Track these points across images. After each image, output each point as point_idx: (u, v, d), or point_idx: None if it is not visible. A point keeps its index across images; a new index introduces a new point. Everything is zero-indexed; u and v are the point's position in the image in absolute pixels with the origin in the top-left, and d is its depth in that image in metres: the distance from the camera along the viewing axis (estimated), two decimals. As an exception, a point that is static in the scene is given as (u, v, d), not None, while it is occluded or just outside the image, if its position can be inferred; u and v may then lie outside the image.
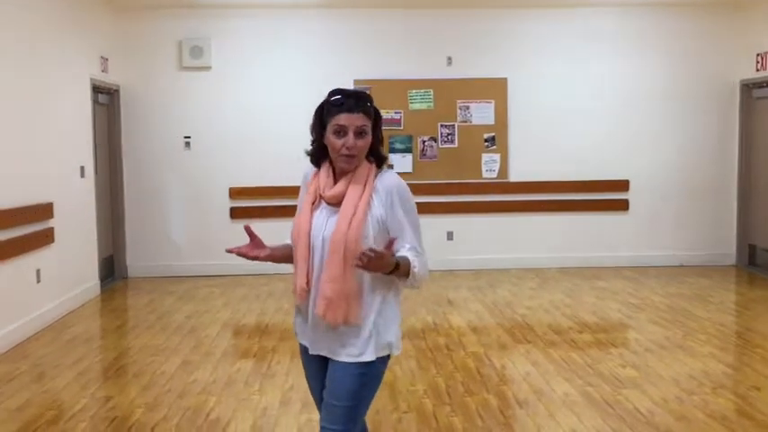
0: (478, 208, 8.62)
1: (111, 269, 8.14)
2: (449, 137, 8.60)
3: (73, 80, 6.95)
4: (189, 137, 8.36)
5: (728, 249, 8.74)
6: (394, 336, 2.44)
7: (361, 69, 8.44)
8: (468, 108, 8.59)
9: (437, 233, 8.59)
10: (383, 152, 2.46)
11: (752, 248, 8.55)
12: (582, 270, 8.43)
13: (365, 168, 2.39)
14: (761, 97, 8.29)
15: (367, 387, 2.41)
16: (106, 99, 8.07)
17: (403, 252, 2.33)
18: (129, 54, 8.24)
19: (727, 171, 8.73)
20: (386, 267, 2.24)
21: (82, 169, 7.09)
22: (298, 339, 2.55)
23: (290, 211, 2.68)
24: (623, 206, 8.71)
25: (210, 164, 8.36)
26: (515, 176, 8.62)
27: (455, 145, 8.60)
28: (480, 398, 4.31)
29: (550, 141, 8.59)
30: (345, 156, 2.34)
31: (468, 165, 8.60)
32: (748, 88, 8.44)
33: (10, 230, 5.51)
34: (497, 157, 8.61)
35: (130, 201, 8.32)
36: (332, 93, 2.39)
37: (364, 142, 2.35)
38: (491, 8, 8.49)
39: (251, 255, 2.41)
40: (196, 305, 6.93)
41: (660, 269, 8.44)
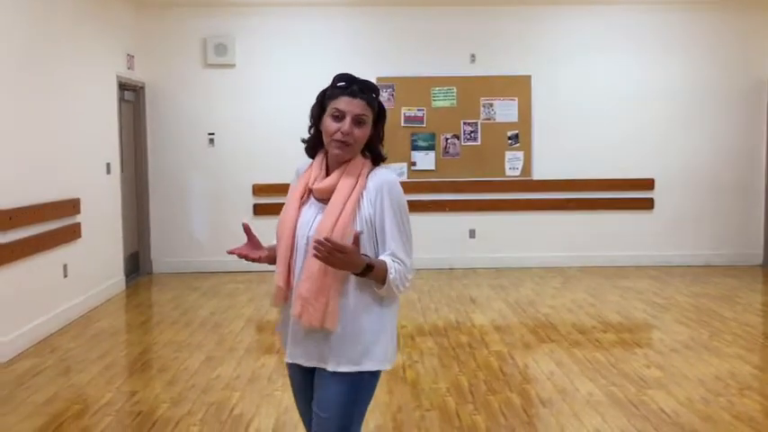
0: (501, 206, 8.59)
1: (135, 265, 8.22)
2: (472, 134, 8.57)
3: (99, 77, 7.03)
4: (213, 134, 8.41)
5: (755, 249, 8.63)
6: (384, 348, 2.23)
7: (384, 67, 8.44)
8: (491, 105, 8.55)
9: (459, 231, 8.58)
10: (382, 151, 2.29)
11: (779, 248, 8.44)
12: (605, 269, 8.36)
13: (359, 162, 2.23)
14: (790, 95, 8.17)
15: (357, 401, 2.23)
16: (132, 96, 8.14)
17: (382, 257, 2.17)
18: (155, 51, 8.32)
19: (754, 169, 8.62)
20: (352, 266, 2.06)
21: (108, 166, 7.17)
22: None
23: None
24: (648, 205, 8.63)
25: (234, 161, 8.41)
26: (539, 174, 8.57)
27: (478, 143, 8.57)
28: (503, 397, 4.29)
29: (575, 139, 8.53)
30: (339, 141, 2.17)
31: (491, 162, 8.56)
32: (777, 86, 8.33)
33: (38, 226, 5.59)
34: (521, 155, 8.57)
35: (155, 197, 8.40)
36: (337, 76, 2.24)
37: (362, 132, 2.19)
38: (515, 5, 8.45)
39: (252, 256, 2.26)
40: (220, 301, 6.99)
41: (685, 269, 8.35)
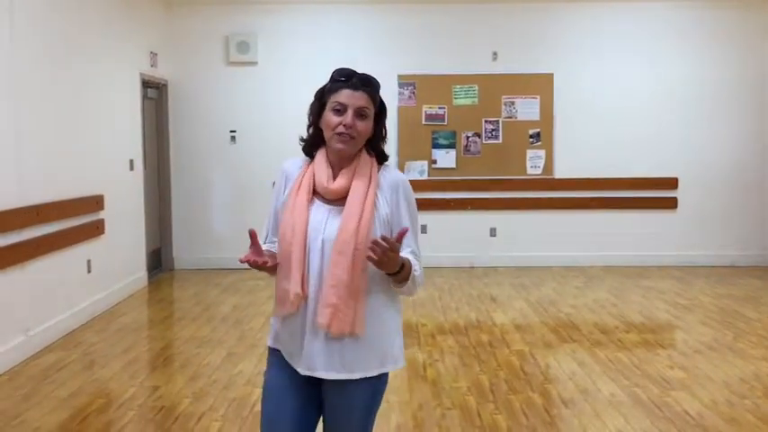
0: (522, 204, 8.55)
1: (158, 261, 8.29)
2: (493, 132, 8.53)
3: (124, 75, 7.09)
4: (234, 131, 8.45)
5: (781, 250, 8.53)
6: (399, 346, 2.20)
7: (405, 64, 8.43)
8: (513, 103, 8.51)
9: (480, 229, 8.55)
10: (383, 147, 2.23)
11: (806, 249, 8.31)
12: (627, 269, 8.29)
13: (367, 161, 2.16)
14: (818, 93, 8.05)
15: (376, 405, 2.19)
16: (155, 93, 8.20)
17: (403, 254, 2.10)
18: (178, 49, 8.37)
19: (780, 169, 8.51)
20: (395, 264, 2.02)
21: (131, 162, 7.23)
22: (270, 358, 2.24)
23: None
24: (672, 204, 8.54)
25: (255, 158, 8.43)
26: (561, 173, 8.52)
27: (499, 141, 8.53)
28: (525, 396, 4.27)
29: (597, 137, 8.46)
30: (341, 135, 2.08)
31: (512, 161, 8.52)
32: (804, 84, 8.20)
33: (63, 222, 5.65)
34: (542, 154, 8.52)
35: (177, 194, 8.46)
36: (337, 71, 2.17)
37: (364, 125, 2.11)
38: (537, 2, 8.40)
39: (261, 262, 2.08)
40: (241, 297, 7.02)
41: (709, 269, 8.25)
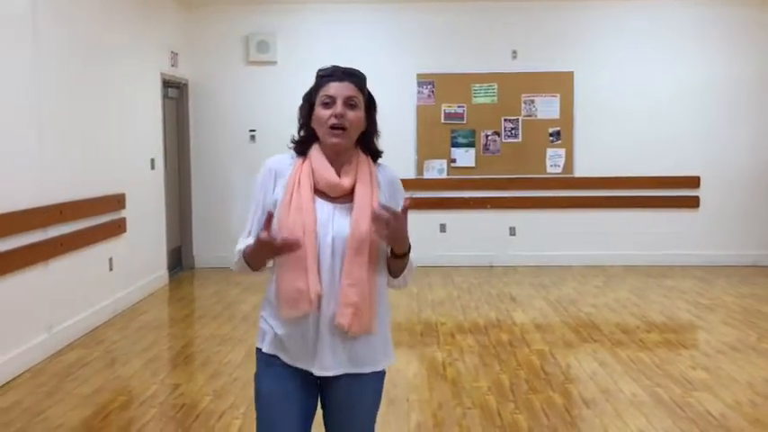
0: (542, 203, 8.51)
1: (178, 259, 8.35)
2: (512, 131, 8.50)
3: (145, 75, 7.14)
4: (254, 130, 8.49)
5: (805, 249, 8.41)
6: (391, 341, 2.22)
7: (424, 63, 8.43)
8: (532, 102, 8.47)
9: (499, 228, 8.52)
10: (377, 144, 2.20)
11: (831, 249, 8.19)
12: (648, 268, 8.22)
13: (365, 160, 2.14)
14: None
15: (380, 400, 2.22)
16: (175, 93, 8.26)
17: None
18: (198, 49, 8.42)
19: (805, 168, 8.40)
20: (406, 239, 2.03)
21: (152, 162, 7.28)
22: (263, 364, 2.15)
23: None
24: (693, 203, 8.46)
25: (275, 157, 8.45)
26: (581, 172, 8.47)
27: (519, 139, 8.50)
28: (545, 396, 4.25)
29: (618, 136, 8.40)
30: (333, 128, 2.05)
31: (531, 159, 8.48)
32: (830, 81, 8.08)
33: (85, 220, 5.71)
34: (562, 152, 8.47)
35: (197, 193, 8.51)
36: (321, 68, 2.15)
37: (355, 115, 2.07)
38: (557, 0, 8.35)
39: (283, 240, 1.96)
40: (261, 296, 7.03)
41: (731, 268, 8.16)
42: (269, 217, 1.96)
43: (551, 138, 8.48)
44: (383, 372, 2.18)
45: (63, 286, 5.34)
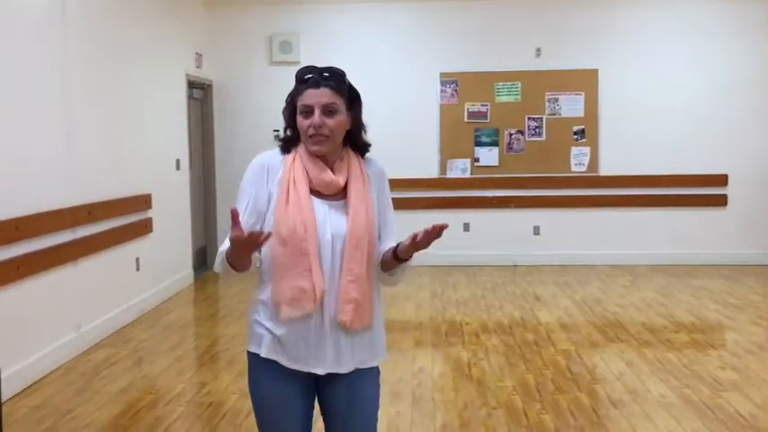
0: (566, 202, 8.45)
1: (203, 259, 8.40)
2: (536, 130, 8.45)
3: (170, 76, 7.21)
4: (278, 130, 8.41)
5: (836, 248, 8.27)
6: (385, 336, 2.23)
7: (447, 62, 8.41)
8: (556, 100, 8.42)
9: (523, 227, 8.48)
10: (366, 138, 2.19)
11: None
12: (675, 268, 8.13)
13: (354, 156, 2.15)
14: None
15: (379, 394, 2.22)
16: (200, 94, 8.32)
17: (390, 243, 2.15)
18: (222, 50, 8.47)
19: (835, 165, 8.25)
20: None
21: (177, 162, 7.35)
22: (259, 369, 2.12)
23: None
24: (721, 202, 8.35)
25: (298, 157, 8.49)
26: (606, 170, 8.40)
27: (543, 138, 8.45)
28: (572, 396, 4.22)
29: (644, 134, 8.32)
30: (313, 136, 2.04)
31: (556, 158, 8.43)
32: None
33: (113, 220, 5.77)
34: (587, 151, 8.41)
35: (222, 193, 8.56)
36: (298, 72, 2.10)
37: (335, 121, 2.05)
38: (582, -3, 8.30)
39: (255, 235, 1.89)
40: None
41: (760, 268, 8.04)
42: (234, 214, 1.91)
43: (576, 136, 8.42)
44: (378, 366, 2.19)
45: (91, 286, 5.40)
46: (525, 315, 6.17)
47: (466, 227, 8.50)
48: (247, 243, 1.90)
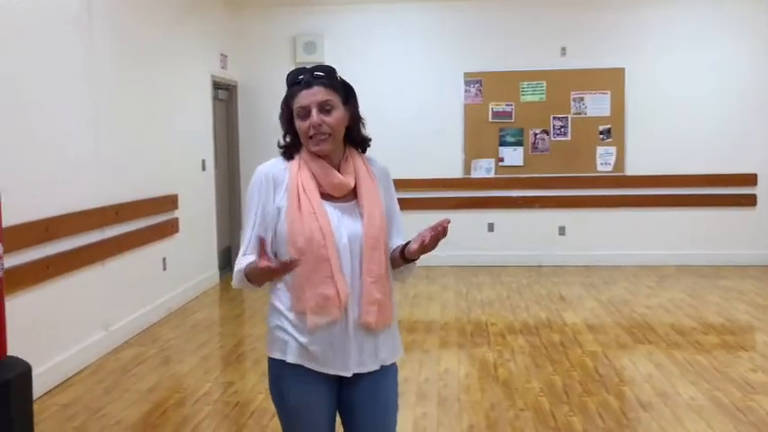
0: (592, 202, 8.38)
1: (228, 259, 8.44)
2: (562, 129, 8.39)
3: (196, 77, 7.26)
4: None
5: None
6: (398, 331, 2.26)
7: (471, 62, 8.38)
8: (582, 99, 8.35)
9: (548, 228, 8.43)
10: (364, 132, 2.16)
11: None
12: (703, 268, 8.03)
13: (357, 155, 2.15)
14: None
15: (398, 391, 2.24)
16: (225, 95, 8.37)
17: (399, 241, 2.17)
18: (246, 51, 8.51)
19: None
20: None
21: (203, 163, 7.40)
22: (284, 375, 2.09)
23: (404, 204, 2.35)
24: (750, 201, 8.23)
25: (322, 157, 8.50)
26: (632, 170, 8.31)
27: (568, 137, 8.38)
28: (600, 398, 4.18)
29: (671, 133, 8.22)
30: (314, 137, 2.03)
31: (581, 158, 8.36)
32: None
33: (140, 221, 5.82)
34: (613, 150, 8.33)
35: (246, 193, 8.59)
36: (288, 76, 2.10)
37: (333, 118, 2.03)
38: (608, -5, 8.23)
39: (285, 264, 1.91)
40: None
41: (791, 269, 7.93)
42: (262, 244, 1.90)
43: (601, 136, 8.35)
44: (396, 363, 2.21)
45: (119, 285, 5.46)
46: (551, 316, 6.12)
47: (490, 227, 8.47)
48: (277, 272, 1.90)
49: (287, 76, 2.09)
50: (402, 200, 2.26)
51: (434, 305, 6.61)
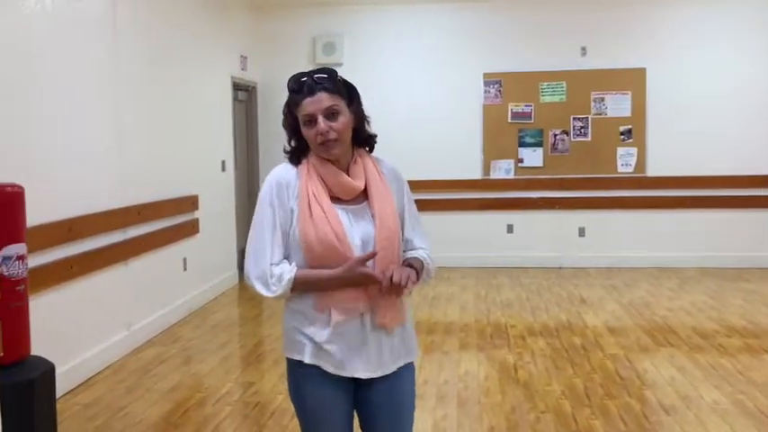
0: (612, 203, 8.32)
1: (247, 259, 8.47)
2: (582, 130, 8.34)
3: (216, 78, 7.29)
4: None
5: None
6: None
7: (490, 62, 8.36)
8: (602, 100, 8.29)
9: (568, 229, 8.38)
10: (370, 130, 2.16)
11: None
12: (724, 271, 7.94)
13: (366, 155, 2.15)
14: None
15: (415, 391, 2.25)
16: (244, 96, 8.40)
17: (414, 254, 2.16)
18: (266, 52, 8.55)
19: None
20: (414, 275, 2.03)
21: (223, 164, 7.43)
22: (302, 375, 2.12)
23: (423, 205, 2.33)
24: (774, 203, 8.14)
25: (341, 158, 8.51)
26: (653, 171, 8.24)
27: (588, 138, 8.33)
28: (622, 401, 4.14)
29: (693, 134, 8.14)
30: (322, 144, 2.02)
31: (601, 159, 8.30)
32: None
33: (162, 221, 5.86)
34: (634, 151, 8.27)
35: (266, 194, 8.62)
36: (289, 83, 2.08)
37: (340, 123, 2.02)
38: (629, -5, 8.16)
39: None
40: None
41: (815, 271, 7.82)
42: (371, 255, 1.98)
43: (622, 136, 8.29)
44: (412, 361, 2.20)
45: (141, 285, 5.50)
46: (572, 318, 6.09)
47: (510, 228, 8.44)
48: (370, 277, 1.98)
49: (288, 82, 2.08)
50: (421, 201, 2.25)
51: (454, 306, 6.59)
